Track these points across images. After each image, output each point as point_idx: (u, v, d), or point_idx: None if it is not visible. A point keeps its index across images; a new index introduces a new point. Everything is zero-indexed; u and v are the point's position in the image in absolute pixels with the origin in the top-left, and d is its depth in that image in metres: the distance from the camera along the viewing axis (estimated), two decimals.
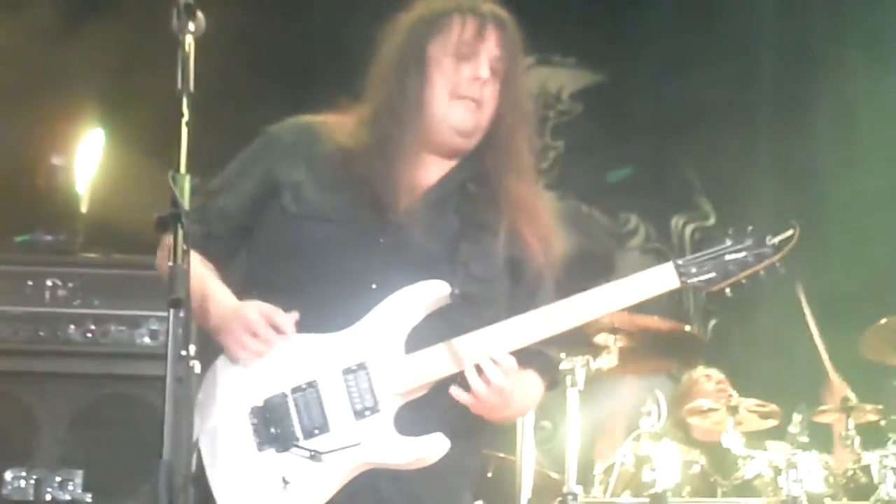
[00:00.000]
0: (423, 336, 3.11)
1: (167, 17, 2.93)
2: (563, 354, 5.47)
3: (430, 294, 3.13)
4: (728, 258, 3.16)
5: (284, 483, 3.05)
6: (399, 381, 3.09)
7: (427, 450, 3.08)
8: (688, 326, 6.71)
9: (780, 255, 3.16)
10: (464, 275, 3.15)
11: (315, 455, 3.05)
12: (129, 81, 6.71)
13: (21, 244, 5.13)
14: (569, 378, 5.53)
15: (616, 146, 8.11)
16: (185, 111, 2.84)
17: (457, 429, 3.11)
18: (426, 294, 3.13)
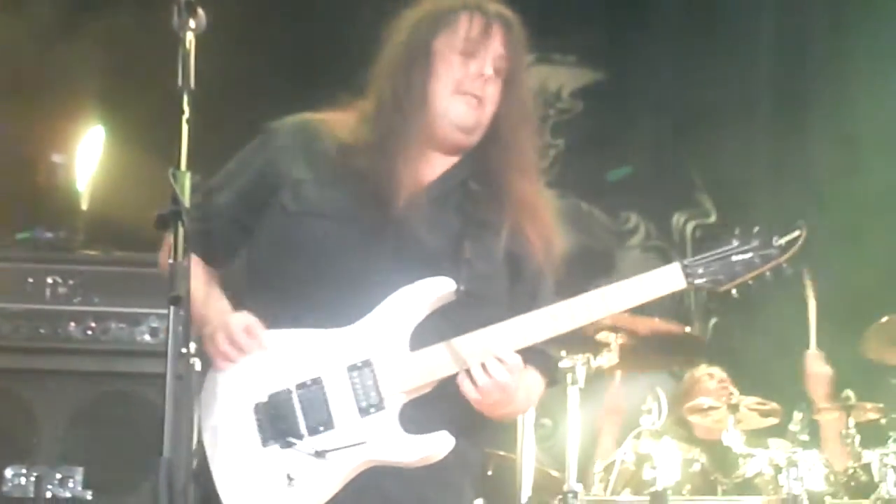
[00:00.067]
0: (426, 334, 3.11)
1: (168, 15, 2.93)
2: (564, 352, 5.47)
3: (436, 291, 3.13)
4: (735, 259, 3.15)
5: (289, 480, 3.05)
6: (404, 379, 3.09)
7: (432, 448, 3.07)
8: (688, 327, 6.72)
9: (787, 256, 3.15)
10: (468, 272, 3.14)
11: (320, 452, 3.05)
12: (130, 79, 6.71)
13: (21, 241, 5.12)
14: (569, 376, 5.53)
15: (616, 144, 8.11)
16: (186, 108, 2.84)
17: (459, 426, 3.11)
18: (432, 291, 3.12)
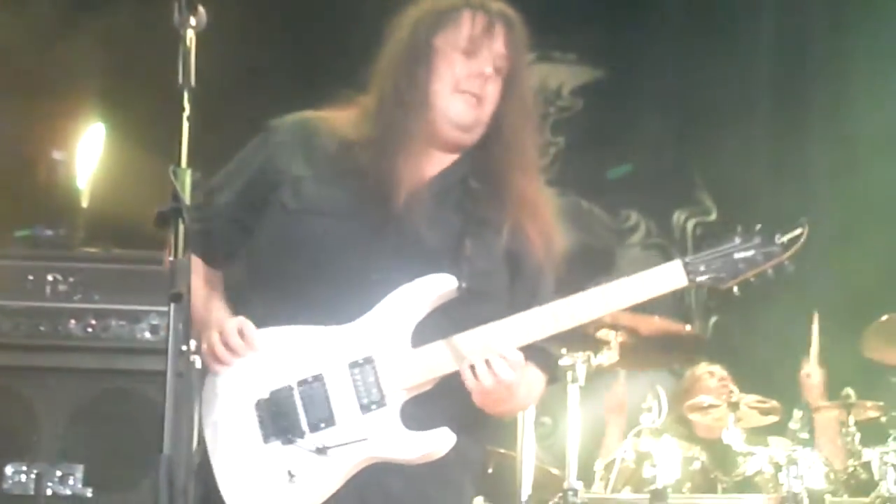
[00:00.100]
0: (427, 331, 3.11)
1: (168, 12, 2.93)
2: (564, 350, 5.48)
3: (437, 288, 3.13)
4: (737, 256, 3.14)
5: (290, 476, 3.05)
6: (406, 376, 3.09)
7: (434, 444, 3.07)
8: (688, 325, 6.72)
9: (790, 254, 3.15)
10: (468, 269, 3.14)
11: (321, 449, 3.06)
12: (130, 76, 6.71)
13: (22, 239, 5.11)
14: (569, 374, 5.53)
15: (616, 142, 8.11)
16: (187, 106, 2.84)
17: (460, 423, 3.11)
18: (433, 288, 3.13)
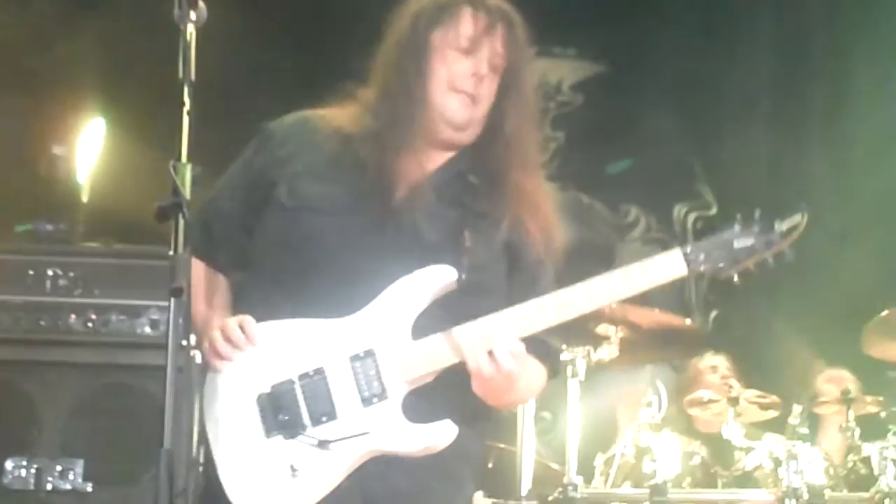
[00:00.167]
0: (426, 325, 3.11)
1: (169, 7, 2.93)
2: (564, 345, 5.47)
3: (438, 279, 3.13)
4: (737, 245, 3.13)
5: (293, 471, 3.05)
6: (407, 369, 3.09)
7: (436, 437, 3.08)
8: (688, 319, 6.72)
9: (789, 241, 3.14)
10: (468, 261, 3.14)
11: (323, 443, 3.06)
12: (131, 71, 6.71)
13: (22, 233, 5.11)
14: (569, 369, 5.53)
15: (616, 137, 8.10)
16: (187, 100, 2.85)
17: (461, 416, 3.11)
18: (433, 279, 3.13)
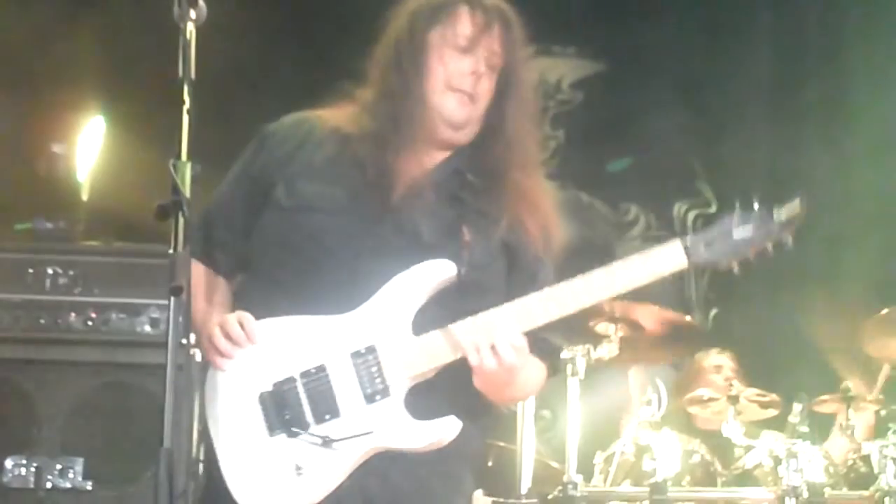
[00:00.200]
0: (425, 324, 3.11)
1: (169, 5, 2.93)
2: (564, 344, 5.47)
3: (436, 274, 3.12)
4: (736, 236, 3.12)
5: (298, 470, 3.04)
6: (409, 365, 3.09)
7: (441, 433, 3.07)
8: (688, 316, 6.72)
9: (789, 229, 3.13)
10: (467, 256, 3.13)
11: (327, 441, 3.05)
12: (130, 69, 6.71)
13: (21, 232, 5.11)
14: (569, 367, 5.53)
15: (616, 135, 8.10)
16: (187, 99, 2.85)
17: (461, 411, 3.11)
18: (432, 274, 3.12)
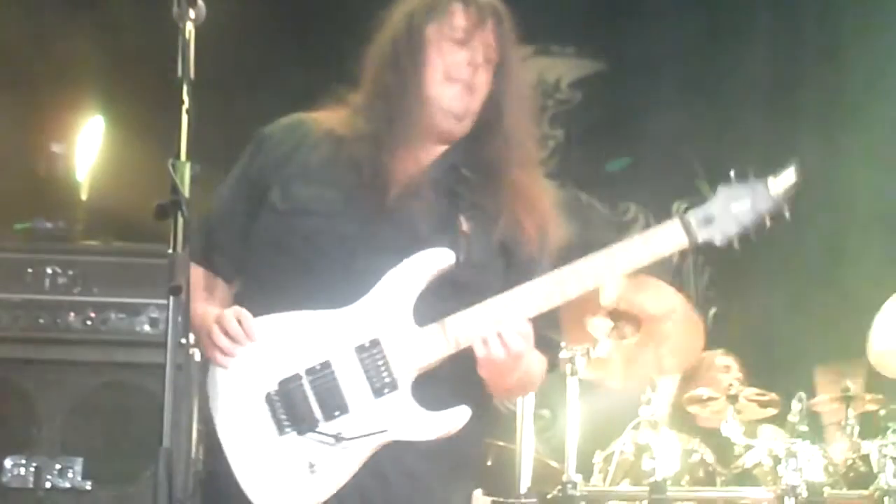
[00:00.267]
0: (426, 321, 3.11)
1: (168, 5, 2.93)
2: (563, 343, 5.47)
3: (434, 262, 3.13)
4: (734, 209, 3.11)
5: (311, 467, 3.04)
6: (414, 356, 3.09)
7: (452, 422, 3.08)
8: None
9: (786, 199, 3.11)
10: (465, 245, 3.14)
11: (339, 438, 3.04)
12: (130, 69, 6.70)
13: (21, 232, 5.11)
14: (569, 366, 5.53)
15: (615, 135, 8.10)
16: (186, 99, 2.85)
17: (465, 402, 3.10)
18: (430, 262, 3.13)
